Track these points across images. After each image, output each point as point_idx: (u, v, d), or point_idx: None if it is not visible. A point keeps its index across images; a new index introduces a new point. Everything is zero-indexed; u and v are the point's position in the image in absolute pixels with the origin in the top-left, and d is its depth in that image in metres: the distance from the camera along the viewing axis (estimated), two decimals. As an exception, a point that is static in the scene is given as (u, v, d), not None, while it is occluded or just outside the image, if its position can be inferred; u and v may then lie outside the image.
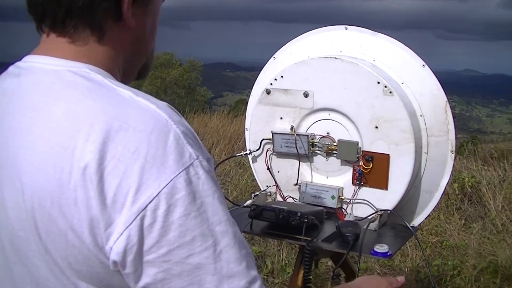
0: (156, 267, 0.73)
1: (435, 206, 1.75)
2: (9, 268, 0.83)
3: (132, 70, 0.94)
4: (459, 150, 6.58)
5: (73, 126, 0.75)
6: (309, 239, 1.49)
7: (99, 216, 0.72)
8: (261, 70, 1.94)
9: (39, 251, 0.77)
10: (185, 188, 0.72)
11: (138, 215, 0.71)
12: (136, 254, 0.72)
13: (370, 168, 1.63)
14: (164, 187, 0.71)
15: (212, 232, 0.74)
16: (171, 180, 0.72)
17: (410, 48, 1.70)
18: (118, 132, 0.73)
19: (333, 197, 1.70)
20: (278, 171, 1.81)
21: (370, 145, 1.63)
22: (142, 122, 0.74)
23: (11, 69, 0.87)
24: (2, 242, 0.82)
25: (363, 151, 1.65)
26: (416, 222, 1.75)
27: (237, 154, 2.01)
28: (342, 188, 1.71)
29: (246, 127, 1.89)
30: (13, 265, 0.82)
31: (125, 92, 0.79)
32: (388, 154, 1.61)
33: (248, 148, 1.86)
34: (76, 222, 0.73)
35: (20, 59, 0.89)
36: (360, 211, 1.68)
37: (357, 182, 1.67)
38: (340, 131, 1.69)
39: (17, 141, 0.79)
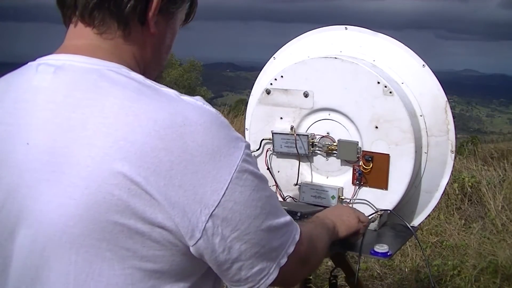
0: (240, 241, 0.82)
1: (435, 206, 1.74)
2: (35, 268, 0.82)
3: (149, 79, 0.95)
4: (459, 150, 6.57)
5: (135, 121, 0.77)
6: (309, 239, 1.49)
7: (178, 205, 0.76)
8: (261, 70, 1.94)
9: (99, 244, 0.77)
10: (247, 168, 0.82)
11: (219, 201, 0.78)
12: (222, 235, 0.80)
13: (370, 168, 1.63)
14: (234, 171, 0.80)
15: (267, 199, 0.85)
16: (238, 164, 0.80)
17: (410, 48, 1.70)
18: (183, 128, 0.77)
19: (333, 197, 1.70)
20: (278, 171, 1.81)
21: (370, 145, 1.63)
22: (200, 117, 0.79)
23: (41, 67, 0.86)
24: (38, 243, 0.80)
25: (363, 151, 1.64)
26: (416, 222, 1.75)
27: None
28: (342, 188, 1.71)
29: (246, 127, 1.89)
30: (43, 266, 0.81)
31: (170, 91, 0.82)
32: (388, 154, 1.61)
33: (248, 148, 1.85)
34: (148, 209, 0.76)
35: (34, 59, 0.88)
36: (360, 211, 1.68)
37: (357, 182, 1.67)
38: (340, 131, 1.69)
39: (69, 137, 0.78)
